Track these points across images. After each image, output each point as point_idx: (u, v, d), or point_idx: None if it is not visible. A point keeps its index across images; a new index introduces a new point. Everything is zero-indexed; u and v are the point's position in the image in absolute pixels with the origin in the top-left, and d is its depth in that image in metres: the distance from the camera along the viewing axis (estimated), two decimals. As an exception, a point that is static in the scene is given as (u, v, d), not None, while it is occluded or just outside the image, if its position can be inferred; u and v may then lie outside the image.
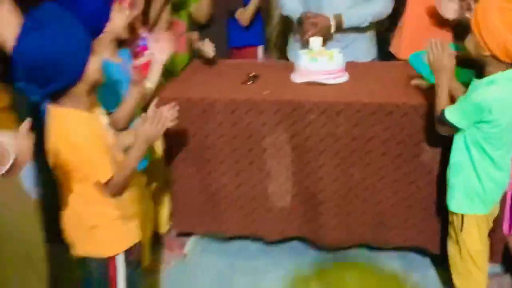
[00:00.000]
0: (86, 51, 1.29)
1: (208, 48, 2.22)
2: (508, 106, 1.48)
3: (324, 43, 2.13)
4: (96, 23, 1.58)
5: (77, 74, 1.28)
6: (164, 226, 2.17)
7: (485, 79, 1.51)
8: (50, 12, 1.27)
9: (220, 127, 1.92)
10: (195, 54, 2.35)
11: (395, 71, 2.10)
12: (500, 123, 1.49)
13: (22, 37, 1.24)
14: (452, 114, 1.54)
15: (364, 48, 2.37)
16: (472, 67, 1.61)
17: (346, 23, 2.23)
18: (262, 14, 2.89)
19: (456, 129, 1.56)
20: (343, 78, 2.01)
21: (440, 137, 1.67)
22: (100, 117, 1.42)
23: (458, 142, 1.60)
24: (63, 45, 1.23)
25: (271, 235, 2.06)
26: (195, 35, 2.35)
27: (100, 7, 1.61)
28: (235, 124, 1.91)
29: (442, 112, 1.56)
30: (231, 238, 2.18)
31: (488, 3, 1.45)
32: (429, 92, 1.75)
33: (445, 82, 1.59)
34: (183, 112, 1.71)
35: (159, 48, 1.80)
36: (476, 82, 1.55)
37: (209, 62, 2.26)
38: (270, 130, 1.89)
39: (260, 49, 2.92)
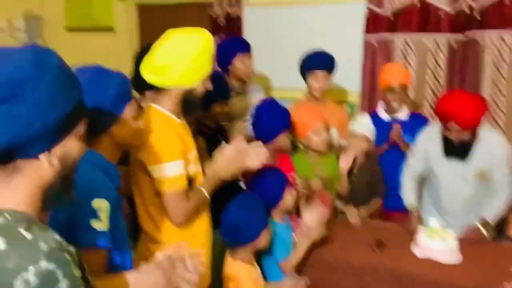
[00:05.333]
0: (263, 227, 2.15)
1: (351, 215, 2.85)
2: None
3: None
4: (275, 202, 2.42)
5: (254, 239, 2.13)
6: None
7: None
8: (250, 198, 2.20)
9: (342, 282, 2.50)
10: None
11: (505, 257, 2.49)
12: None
13: (232, 207, 2.14)
14: None
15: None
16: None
17: (492, 222, 2.80)
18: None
19: None
20: (455, 258, 2.45)
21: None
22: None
23: None
24: (252, 220, 2.12)
25: None
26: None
27: (279, 191, 2.42)
28: (358, 284, 2.45)
29: None
30: None
31: None
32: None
33: None
34: (318, 268, 2.50)
35: (313, 227, 2.46)
36: None
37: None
38: (385, 293, 2.39)
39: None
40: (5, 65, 0.95)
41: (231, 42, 3.32)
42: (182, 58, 1.92)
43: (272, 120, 2.68)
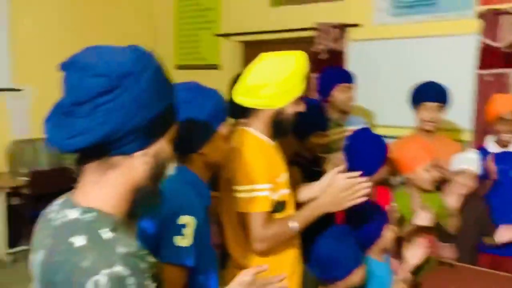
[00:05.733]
0: (355, 264, 2.00)
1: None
2: None
3: None
4: (373, 239, 2.26)
5: (344, 276, 1.98)
6: None
7: None
8: (344, 232, 2.07)
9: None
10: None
11: None
12: None
13: (324, 239, 2.02)
14: None
15: None
16: None
17: None
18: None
19: None
20: None
21: None
22: None
23: None
24: (344, 256, 1.98)
25: None
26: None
27: (379, 228, 2.27)
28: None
29: None
30: None
31: None
32: None
33: None
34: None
35: (412, 254, 2.26)
36: None
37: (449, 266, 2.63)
38: None
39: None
40: (111, 59, 0.98)
41: (332, 73, 3.29)
42: (273, 78, 1.90)
43: (373, 152, 2.55)
